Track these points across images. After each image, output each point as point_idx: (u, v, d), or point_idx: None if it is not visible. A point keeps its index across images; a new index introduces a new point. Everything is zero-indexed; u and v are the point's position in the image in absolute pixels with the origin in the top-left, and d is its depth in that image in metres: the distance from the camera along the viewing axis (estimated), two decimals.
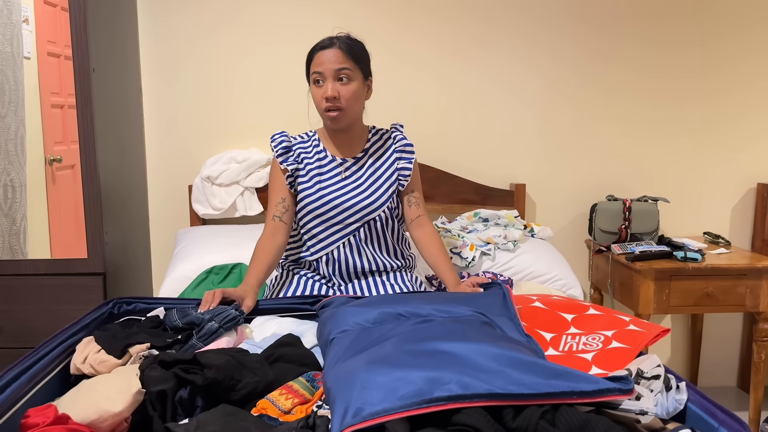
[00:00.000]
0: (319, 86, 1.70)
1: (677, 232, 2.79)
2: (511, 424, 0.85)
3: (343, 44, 1.68)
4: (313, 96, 1.73)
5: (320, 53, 1.69)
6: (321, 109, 1.72)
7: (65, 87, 2.11)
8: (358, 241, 1.78)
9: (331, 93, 1.66)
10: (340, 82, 1.68)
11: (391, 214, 1.81)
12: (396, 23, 2.61)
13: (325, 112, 1.70)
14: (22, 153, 2.13)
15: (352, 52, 1.69)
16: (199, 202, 2.52)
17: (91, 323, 1.37)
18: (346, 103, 1.69)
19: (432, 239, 1.82)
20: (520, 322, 1.25)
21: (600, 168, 2.75)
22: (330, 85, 1.67)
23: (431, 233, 1.83)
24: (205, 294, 1.47)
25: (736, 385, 2.93)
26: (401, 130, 1.90)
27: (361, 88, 1.73)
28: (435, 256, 1.79)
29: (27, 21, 2.08)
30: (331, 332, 1.23)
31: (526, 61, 2.67)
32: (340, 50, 1.67)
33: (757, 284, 2.32)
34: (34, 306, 2.16)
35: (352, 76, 1.69)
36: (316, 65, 1.69)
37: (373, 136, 1.86)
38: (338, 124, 1.73)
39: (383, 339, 1.10)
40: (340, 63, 1.66)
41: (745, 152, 2.77)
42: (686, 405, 1.00)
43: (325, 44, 1.69)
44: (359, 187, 1.78)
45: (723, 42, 2.69)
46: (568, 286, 2.22)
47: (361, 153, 1.83)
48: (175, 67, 2.58)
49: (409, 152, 1.85)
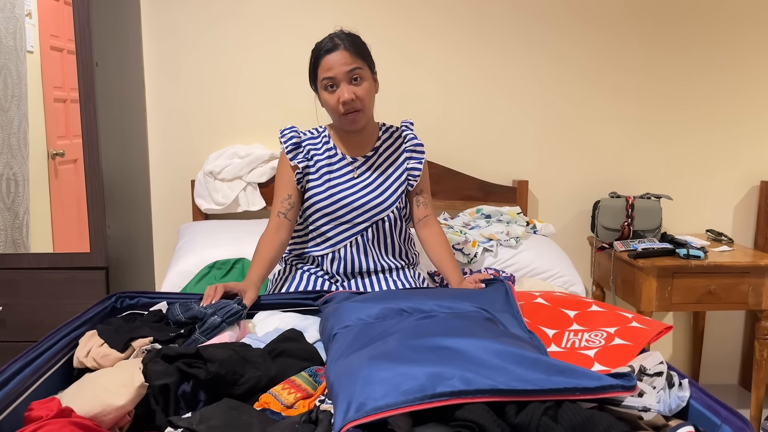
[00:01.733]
0: (332, 91, 1.65)
1: (680, 229, 2.79)
2: (514, 420, 0.85)
3: (348, 43, 1.64)
4: (326, 102, 1.68)
5: (327, 58, 1.64)
6: (337, 114, 1.67)
7: (68, 81, 2.11)
8: (366, 241, 1.77)
9: (348, 96, 1.62)
10: (354, 83, 1.64)
11: (399, 215, 1.80)
12: (399, 20, 2.60)
13: (344, 115, 1.67)
14: (24, 147, 2.13)
15: (358, 50, 1.65)
16: (202, 197, 2.52)
17: (94, 317, 1.37)
18: (364, 103, 1.67)
19: (438, 239, 1.80)
20: (522, 318, 1.25)
21: (603, 165, 2.75)
22: (345, 89, 1.63)
23: (437, 233, 1.82)
24: (207, 288, 1.47)
25: (738, 383, 2.93)
26: (412, 129, 1.87)
27: (372, 84, 1.71)
28: (440, 255, 1.77)
29: (30, 15, 2.08)
30: (333, 327, 1.23)
31: (530, 58, 2.66)
32: (347, 51, 1.63)
33: (760, 282, 2.32)
34: (36, 300, 2.17)
35: (363, 75, 1.66)
36: (325, 70, 1.64)
37: (384, 134, 1.83)
38: (358, 125, 1.70)
39: (386, 335, 1.11)
40: (350, 64, 1.62)
41: (749, 150, 2.76)
42: (689, 402, 1.00)
43: (329, 47, 1.64)
44: (369, 186, 1.76)
45: (728, 41, 2.68)
46: (571, 283, 2.22)
47: (372, 152, 1.80)
48: (178, 61, 2.58)
49: (420, 152, 1.83)
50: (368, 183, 1.77)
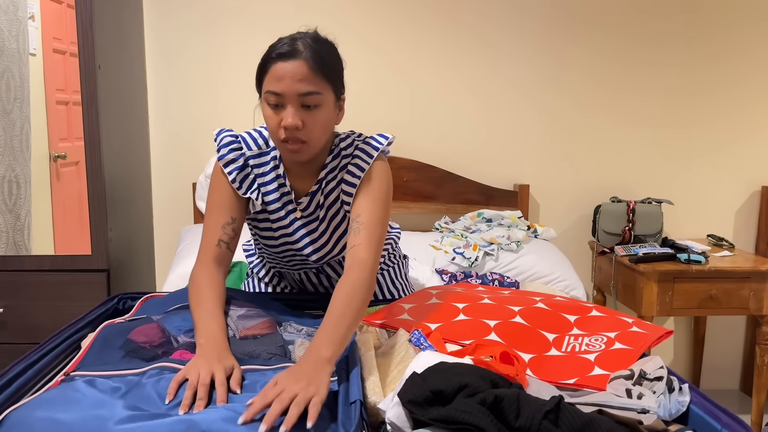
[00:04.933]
0: (275, 109, 1.25)
1: (681, 234, 2.79)
2: (514, 423, 0.85)
3: (311, 53, 1.22)
4: (266, 118, 1.27)
5: (278, 65, 1.22)
6: (276, 138, 1.27)
7: (70, 84, 2.12)
8: (319, 271, 1.52)
9: (292, 122, 1.22)
10: (305, 109, 1.24)
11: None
12: (399, 23, 2.61)
13: (284, 142, 1.26)
14: (26, 149, 2.14)
15: (322, 66, 1.23)
16: (203, 199, 2.52)
17: (96, 319, 1.37)
18: (312, 135, 1.26)
19: (344, 287, 1.16)
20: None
21: (604, 169, 2.75)
22: (291, 112, 1.22)
23: (350, 280, 1.17)
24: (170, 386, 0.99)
25: (739, 389, 2.93)
26: (370, 140, 1.38)
27: (331, 114, 1.29)
28: (332, 306, 1.12)
29: (33, 18, 2.09)
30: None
31: (531, 63, 2.67)
32: (306, 64, 1.22)
33: (761, 287, 2.31)
34: (37, 302, 2.17)
35: (321, 102, 1.25)
36: (272, 81, 1.23)
37: (333, 160, 1.38)
38: (299, 158, 1.29)
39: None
40: (306, 85, 1.22)
41: (750, 155, 2.76)
42: (689, 407, 1.00)
43: (285, 52, 1.23)
44: (315, 232, 1.42)
45: (725, 38, 2.68)
46: (571, 287, 2.22)
47: (315, 186, 1.38)
48: (181, 64, 2.59)
49: (360, 163, 1.34)
50: (313, 228, 1.42)
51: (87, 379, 1.01)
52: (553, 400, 0.86)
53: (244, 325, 1.24)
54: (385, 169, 1.37)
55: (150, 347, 1.15)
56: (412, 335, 1.20)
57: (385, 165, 1.38)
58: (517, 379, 1.00)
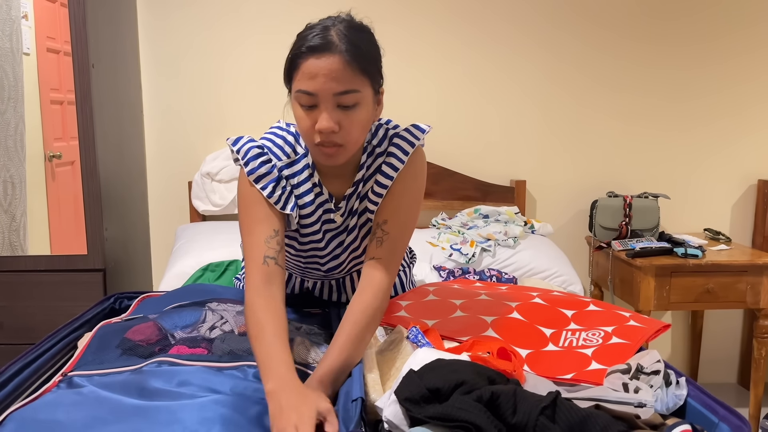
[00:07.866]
0: (307, 110, 1.11)
1: (678, 228, 2.79)
2: (511, 420, 0.85)
3: (346, 46, 1.08)
4: (298, 119, 1.14)
5: (310, 61, 1.08)
6: (310, 141, 1.14)
7: (65, 83, 2.11)
8: (341, 283, 1.47)
9: (327, 125, 1.09)
10: (342, 109, 1.11)
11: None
12: (395, 17, 2.60)
13: (318, 146, 1.14)
14: (21, 149, 2.13)
15: (359, 59, 1.10)
16: (199, 198, 2.52)
17: (92, 318, 1.36)
18: (349, 138, 1.13)
19: (359, 306, 1.13)
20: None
21: (601, 164, 2.75)
22: (327, 115, 1.09)
23: (365, 301, 1.13)
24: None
25: (737, 382, 2.93)
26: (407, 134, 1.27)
27: (370, 112, 1.16)
28: (347, 322, 1.10)
29: (26, 17, 2.08)
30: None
31: (527, 58, 2.66)
32: (342, 59, 1.08)
33: (758, 281, 2.32)
34: (33, 302, 2.16)
35: (360, 99, 1.11)
36: (304, 80, 1.09)
37: (368, 158, 1.26)
38: (335, 163, 1.17)
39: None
40: (342, 83, 1.08)
41: (746, 149, 2.77)
42: (686, 400, 1.00)
43: (317, 45, 1.08)
44: (350, 234, 1.32)
45: (725, 39, 2.68)
46: (569, 282, 2.23)
47: (352, 188, 1.27)
48: (175, 62, 2.58)
49: (394, 163, 1.23)
50: (342, 240, 1.33)
51: (87, 379, 1.01)
52: (550, 396, 0.86)
53: (243, 321, 1.25)
54: (421, 167, 1.26)
55: (147, 345, 1.15)
56: (409, 332, 1.20)
57: (422, 162, 1.27)
58: (514, 374, 1.00)
